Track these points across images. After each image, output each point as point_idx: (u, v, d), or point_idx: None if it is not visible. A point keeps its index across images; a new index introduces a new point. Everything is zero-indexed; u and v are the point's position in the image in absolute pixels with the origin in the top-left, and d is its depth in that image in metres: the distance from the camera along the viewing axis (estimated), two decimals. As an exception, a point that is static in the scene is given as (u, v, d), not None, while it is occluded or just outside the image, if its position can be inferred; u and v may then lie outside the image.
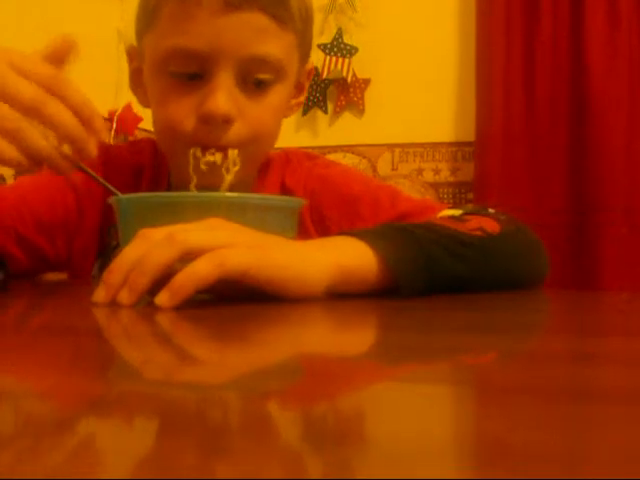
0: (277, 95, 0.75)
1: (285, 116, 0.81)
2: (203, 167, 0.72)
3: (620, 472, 0.14)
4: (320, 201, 0.82)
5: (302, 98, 0.86)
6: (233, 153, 0.72)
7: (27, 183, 0.83)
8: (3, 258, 0.77)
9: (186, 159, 0.73)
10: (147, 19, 0.74)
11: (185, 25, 0.70)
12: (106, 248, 0.82)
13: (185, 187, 0.74)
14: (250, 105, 0.73)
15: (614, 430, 0.17)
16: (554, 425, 0.18)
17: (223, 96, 0.70)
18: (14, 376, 0.25)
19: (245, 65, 0.71)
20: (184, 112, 0.71)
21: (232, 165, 0.73)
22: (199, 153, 0.72)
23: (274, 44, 0.72)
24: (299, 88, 0.83)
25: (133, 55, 0.80)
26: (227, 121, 0.71)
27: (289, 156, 0.87)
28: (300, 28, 0.75)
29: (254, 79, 0.72)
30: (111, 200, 0.61)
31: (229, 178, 0.72)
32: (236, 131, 0.72)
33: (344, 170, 0.90)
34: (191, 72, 0.71)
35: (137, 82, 0.80)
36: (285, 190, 0.83)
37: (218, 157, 0.72)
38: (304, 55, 0.80)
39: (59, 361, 0.28)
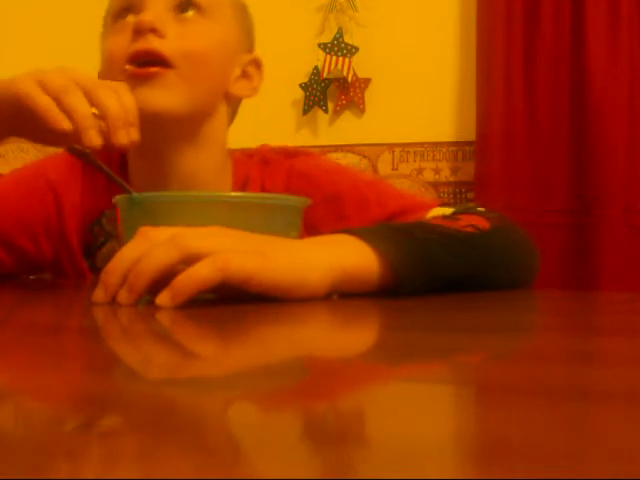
0: (210, 28, 0.78)
1: (239, 95, 0.83)
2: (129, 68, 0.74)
3: (620, 472, 0.14)
4: None
5: (255, 84, 0.85)
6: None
7: (3, 183, 0.83)
8: None
9: None
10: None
11: None
12: (91, 247, 0.82)
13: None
14: (182, 27, 0.76)
15: (614, 430, 0.17)
16: (554, 425, 0.18)
17: (149, 12, 0.74)
18: (13, 375, 0.25)
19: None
20: (122, 45, 0.75)
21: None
22: (129, 66, 0.74)
23: None
24: (247, 76, 0.84)
25: None
26: (154, 30, 0.73)
27: (266, 157, 0.86)
28: None
29: (184, 2, 0.77)
30: (116, 199, 0.61)
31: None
32: (168, 43, 0.74)
33: (326, 165, 0.88)
34: (125, 6, 0.77)
35: None
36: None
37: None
38: (245, 31, 0.84)
39: (59, 360, 0.28)
